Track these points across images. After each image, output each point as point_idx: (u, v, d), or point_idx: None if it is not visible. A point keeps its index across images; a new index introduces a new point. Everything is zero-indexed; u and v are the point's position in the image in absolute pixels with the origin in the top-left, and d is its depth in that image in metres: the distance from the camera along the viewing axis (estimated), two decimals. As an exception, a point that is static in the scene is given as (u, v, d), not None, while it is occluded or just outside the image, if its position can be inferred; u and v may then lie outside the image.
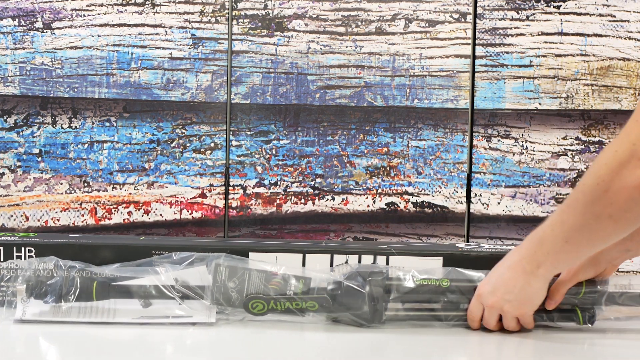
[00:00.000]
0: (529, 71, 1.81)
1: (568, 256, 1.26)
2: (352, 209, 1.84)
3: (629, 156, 1.14)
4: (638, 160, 1.13)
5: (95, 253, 1.43)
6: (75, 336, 1.26)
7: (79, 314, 1.31)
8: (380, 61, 1.82)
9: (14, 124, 1.81)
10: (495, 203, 1.83)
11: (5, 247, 1.44)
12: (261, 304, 1.32)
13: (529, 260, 1.28)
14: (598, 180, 1.17)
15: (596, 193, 1.17)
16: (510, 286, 1.30)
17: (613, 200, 1.16)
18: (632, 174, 1.14)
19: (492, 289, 1.32)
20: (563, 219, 1.24)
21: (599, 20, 1.80)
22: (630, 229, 1.20)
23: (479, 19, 1.81)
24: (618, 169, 1.15)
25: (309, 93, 1.82)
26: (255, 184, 1.83)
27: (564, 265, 1.30)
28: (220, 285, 1.32)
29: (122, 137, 1.82)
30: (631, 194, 1.14)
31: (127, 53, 1.80)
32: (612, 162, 1.16)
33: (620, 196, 1.15)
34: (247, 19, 1.81)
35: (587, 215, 1.19)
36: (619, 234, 1.21)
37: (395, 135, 1.83)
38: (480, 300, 1.33)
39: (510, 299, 1.30)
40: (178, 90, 1.81)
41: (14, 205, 1.82)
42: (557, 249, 1.25)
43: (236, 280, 1.32)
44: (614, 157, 1.16)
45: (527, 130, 1.82)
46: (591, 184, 1.18)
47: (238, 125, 1.83)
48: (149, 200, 1.83)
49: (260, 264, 1.34)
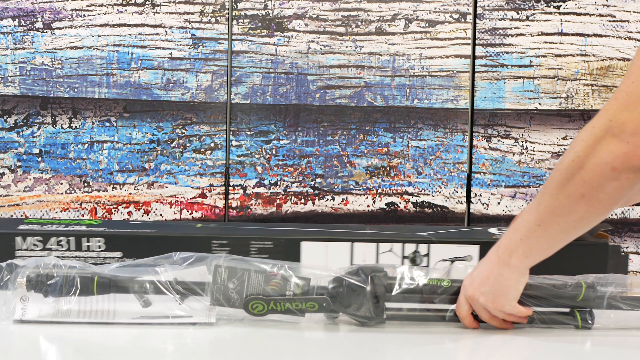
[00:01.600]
0: (529, 71, 1.81)
1: (540, 242, 1.20)
2: (352, 209, 1.84)
3: (604, 132, 1.10)
4: (613, 136, 1.09)
5: (158, 243, 1.49)
6: (75, 337, 1.25)
7: (78, 315, 1.30)
8: (380, 61, 1.82)
9: (14, 124, 1.81)
10: (495, 203, 1.83)
11: (77, 238, 1.49)
12: (261, 304, 1.31)
13: (504, 249, 1.22)
14: (574, 156, 1.13)
15: (571, 170, 1.13)
16: (485, 277, 1.24)
17: (586, 178, 1.12)
18: (606, 149, 1.10)
19: (471, 280, 1.26)
20: (539, 201, 1.19)
21: (599, 20, 1.80)
22: (602, 214, 1.16)
23: (479, 19, 1.81)
24: (593, 145, 1.11)
25: (309, 93, 1.82)
26: (255, 184, 1.83)
27: (537, 254, 1.22)
28: (220, 286, 1.31)
29: (122, 137, 1.82)
30: (603, 171, 1.10)
31: (127, 53, 1.80)
32: (588, 138, 1.12)
33: (594, 173, 1.11)
34: (247, 19, 1.81)
35: (561, 196, 1.15)
36: (591, 218, 1.16)
37: (395, 135, 1.83)
38: (464, 291, 1.27)
39: (485, 291, 1.24)
40: (178, 90, 1.81)
41: (14, 205, 1.82)
42: (530, 234, 1.20)
43: (236, 281, 1.32)
44: (590, 133, 1.12)
45: (527, 130, 1.82)
46: (567, 161, 1.14)
47: (238, 125, 1.83)
48: (149, 200, 1.83)
49: (260, 264, 1.34)
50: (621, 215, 1.83)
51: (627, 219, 1.83)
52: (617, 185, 1.11)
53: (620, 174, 1.10)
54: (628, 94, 1.09)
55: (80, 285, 1.30)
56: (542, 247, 1.20)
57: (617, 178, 1.10)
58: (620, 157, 1.09)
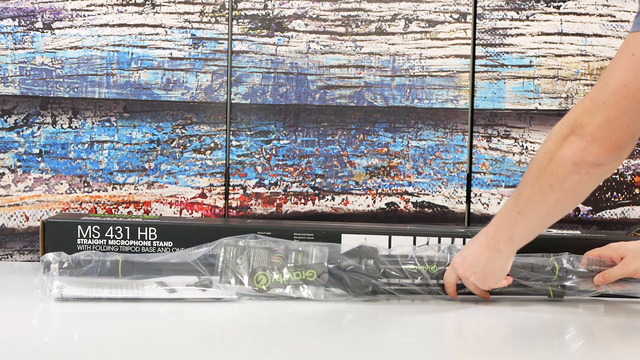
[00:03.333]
0: (529, 71, 1.81)
1: (521, 228, 1.35)
2: (352, 209, 1.84)
3: (570, 130, 1.26)
4: (576, 135, 1.25)
5: (206, 233, 1.60)
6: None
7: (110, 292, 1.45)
8: (380, 61, 1.82)
9: (14, 124, 1.81)
10: (495, 203, 1.83)
11: (132, 227, 1.64)
12: (264, 277, 1.46)
13: (493, 236, 1.39)
14: (546, 149, 1.29)
15: (542, 162, 1.29)
16: (476, 260, 1.41)
17: (554, 170, 1.27)
18: (570, 146, 1.25)
19: (462, 260, 1.44)
20: (519, 191, 1.35)
21: (599, 20, 1.80)
22: (570, 204, 1.34)
23: (479, 19, 1.81)
24: (561, 140, 1.27)
25: (309, 93, 1.82)
26: (255, 184, 1.83)
27: (520, 239, 1.38)
28: (228, 262, 1.47)
29: (122, 137, 1.82)
30: (566, 164, 1.26)
31: (127, 53, 1.81)
32: (557, 134, 1.28)
33: (559, 165, 1.27)
34: (247, 19, 1.81)
35: (535, 186, 1.30)
36: (561, 207, 1.32)
37: (395, 135, 1.83)
38: (453, 269, 1.45)
39: (476, 271, 1.42)
40: (178, 90, 1.81)
41: (14, 205, 1.82)
42: (512, 222, 1.35)
43: (243, 257, 1.47)
44: (560, 129, 1.28)
45: (527, 130, 1.82)
46: (540, 153, 1.30)
47: (238, 125, 1.83)
48: (149, 200, 1.83)
49: (265, 243, 1.50)
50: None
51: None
52: (578, 179, 1.27)
53: (579, 168, 1.25)
54: (591, 100, 1.25)
55: (107, 268, 1.49)
56: (524, 233, 1.37)
57: (578, 172, 1.26)
58: (580, 153, 1.25)
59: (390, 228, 1.68)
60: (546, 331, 1.36)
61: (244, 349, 1.24)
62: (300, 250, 1.49)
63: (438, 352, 1.26)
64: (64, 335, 1.31)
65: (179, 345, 1.23)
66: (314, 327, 1.37)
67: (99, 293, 1.44)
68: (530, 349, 1.25)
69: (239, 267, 1.46)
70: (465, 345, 1.33)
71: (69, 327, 1.34)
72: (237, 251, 1.48)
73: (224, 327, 1.36)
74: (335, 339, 1.29)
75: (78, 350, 1.21)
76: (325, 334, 1.33)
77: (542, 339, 1.31)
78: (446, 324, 1.43)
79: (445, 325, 1.42)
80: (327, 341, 1.28)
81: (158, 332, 1.31)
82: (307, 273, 1.46)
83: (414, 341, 1.30)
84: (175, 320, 1.38)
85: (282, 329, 1.35)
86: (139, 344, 1.24)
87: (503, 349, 1.29)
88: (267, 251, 1.48)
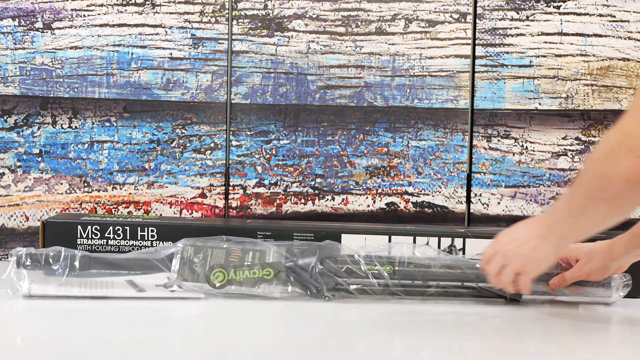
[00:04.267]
0: (529, 71, 1.81)
1: (573, 229, 1.34)
2: (352, 209, 1.84)
3: (618, 146, 1.22)
4: (626, 151, 1.21)
5: (206, 234, 1.60)
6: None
7: (79, 291, 1.46)
8: (380, 61, 1.82)
9: (14, 124, 1.81)
10: (495, 203, 1.83)
11: (132, 227, 1.65)
12: (222, 273, 1.47)
13: (546, 226, 1.37)
14: (594, 164, 1.28)
15: (593, 178, 1.27)
16: (525, 242, 1.39)
17: (605, 186, 1.24)
18: (620, 163, 1.22)
19: (510, 239, 1.41)
20: (571, 194, 1.34)
21: (599, 20, 1.80)
22: (624, 214, 1.30)
23: (479, 19, 1.81)
24: (610, 158, 1.24)
25: (309, 93, 1.82)
26: (255, 184, 1.83)
27: (572, 238, 1.38)
28: (185, 261, 1.48)
29: (122, 137, 1.82)
30: (620, 183, 1.22)
31: (127, 53, 1.81)
32: (606, 151, 1.25)
33: (612, 184, 1.23)
34: (247, 19, 1.81)
35: (587, 198, 1.28)
36: (614, 217, 1.30)
37: (395, 135, 1.83)
38: (497, 245, 1.43)
39: (521, 253, 1.39)
40: (178, 90, 1.81)
41: (14, 205, 1.82)
42: (564, 222, 1.34)
43: (200, 256, 1.49)
44: (607, 146, 1.25)
45: (527, 130, 1.82)
46: (589, 166, 1.30)
47: (238, 125, 1.83)
48: (149, 200, 1.83)
49: (224, 243, 1.52)
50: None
51: None
52: (632, 195, 1.24)
53: (632, 185, 1.22)
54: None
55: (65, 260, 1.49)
56: (576, 234, 1.37)
57: (632, 189, 1.22)
58: (634, 171, 1.21)
59: (390, 228, 1.68)
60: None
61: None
62: (258, 250, 1.50)
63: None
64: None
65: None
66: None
67: (68, 291, 1.46)
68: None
69: (196, 266, 1.47)
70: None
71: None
72: (195, 250, 1.49)
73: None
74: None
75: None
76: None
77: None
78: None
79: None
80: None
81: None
82: (264, 271, 1.47)
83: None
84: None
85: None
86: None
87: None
88: (224, 250, 1.49)
